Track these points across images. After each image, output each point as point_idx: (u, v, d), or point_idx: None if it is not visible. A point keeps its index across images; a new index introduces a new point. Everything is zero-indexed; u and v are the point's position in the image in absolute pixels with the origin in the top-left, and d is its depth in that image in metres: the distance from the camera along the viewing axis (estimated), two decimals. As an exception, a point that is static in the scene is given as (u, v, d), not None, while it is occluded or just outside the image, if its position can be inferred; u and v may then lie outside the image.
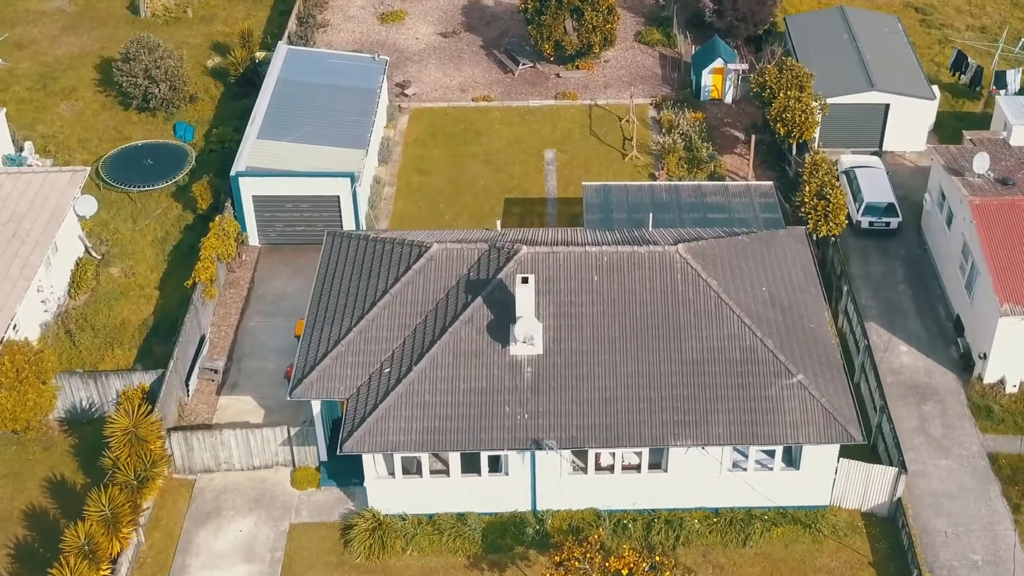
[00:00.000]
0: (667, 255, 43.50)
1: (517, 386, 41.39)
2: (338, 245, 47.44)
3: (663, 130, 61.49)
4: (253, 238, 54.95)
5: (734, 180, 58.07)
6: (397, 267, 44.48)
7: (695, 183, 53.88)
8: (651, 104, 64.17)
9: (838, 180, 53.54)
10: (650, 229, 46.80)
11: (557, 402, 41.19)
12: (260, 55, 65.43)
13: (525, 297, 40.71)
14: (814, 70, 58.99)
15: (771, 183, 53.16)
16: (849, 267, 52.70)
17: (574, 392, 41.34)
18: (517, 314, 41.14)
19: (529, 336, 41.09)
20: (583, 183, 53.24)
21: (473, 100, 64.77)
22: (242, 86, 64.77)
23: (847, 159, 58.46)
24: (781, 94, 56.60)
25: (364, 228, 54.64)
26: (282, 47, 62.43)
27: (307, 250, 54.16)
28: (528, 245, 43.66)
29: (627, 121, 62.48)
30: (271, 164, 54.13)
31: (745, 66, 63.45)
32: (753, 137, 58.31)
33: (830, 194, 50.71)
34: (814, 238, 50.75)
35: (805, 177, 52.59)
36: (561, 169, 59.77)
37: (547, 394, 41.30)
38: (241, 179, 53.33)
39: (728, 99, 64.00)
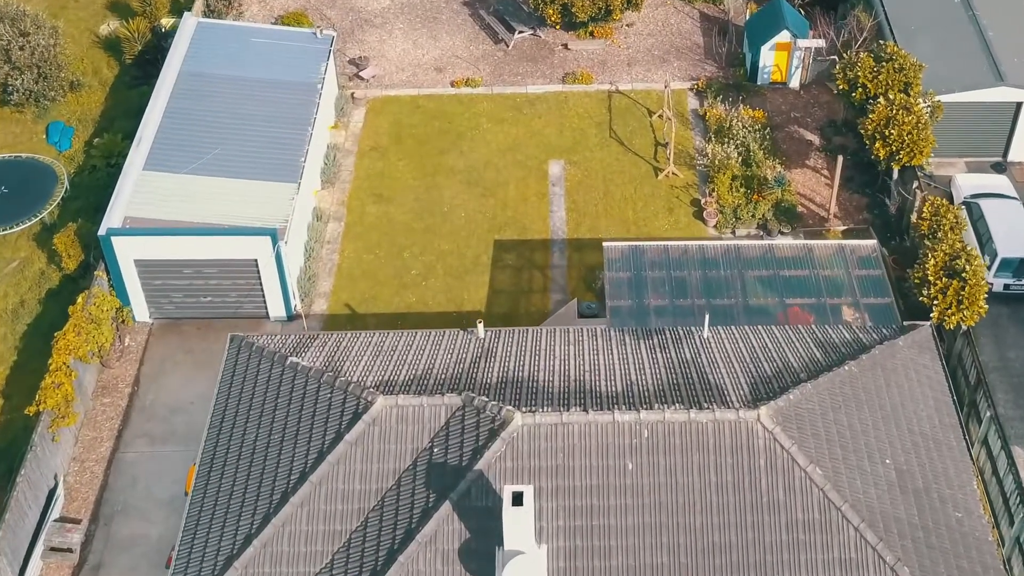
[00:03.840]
0: (743, 426, 27.76)
1: (508, 653, 26.19)
2: (244, 363, 31.96)
3: (709, 132, 45.16)
4: (141, 312, 39.11)
5: (809, 210, 42.17)
6: (323, 429, 28.91)
7: (764, 243, 37.88)
8: (691, 90, 47.68)
9: (964, 229, 37.66)
10: (706, 335, 31.54)
11: None
12: (167, 23, 48.69)
13: (518, 524, 25.15)
14: (917, 52, 42.55)
15: (874, 243, 36.97)
16: (980, 355, 36.99)
17: (598, 662, 26.18)
18: (506, 545, 25.65)
19: (526, 585, 25.67)
20: (604, 243, 37.07)
21: (453, 85, 48.25)
22: (141, 67, 48.18)
23: (964, 181, 42.30)
24: (882, 99, 40.20)
25: (295, 301, 38.90)
26: (189, 20, 45.55)
27: (216, 327, 38.62)
28: (523, 411, 27.88)
29: (660, 117, 46.18)
30: (161, 212, 38.08)
31: (820, 42, 46.61)
32: (840, 159, 41.81)
33: (967, 271, 34.68)
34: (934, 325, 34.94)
35: (924, 238, 36.64)
36: (571, 192, 43.71)
37: (555, 665, 26.16)
38: (115, 239, 37.26)
39: (794, 83, 47.49)
